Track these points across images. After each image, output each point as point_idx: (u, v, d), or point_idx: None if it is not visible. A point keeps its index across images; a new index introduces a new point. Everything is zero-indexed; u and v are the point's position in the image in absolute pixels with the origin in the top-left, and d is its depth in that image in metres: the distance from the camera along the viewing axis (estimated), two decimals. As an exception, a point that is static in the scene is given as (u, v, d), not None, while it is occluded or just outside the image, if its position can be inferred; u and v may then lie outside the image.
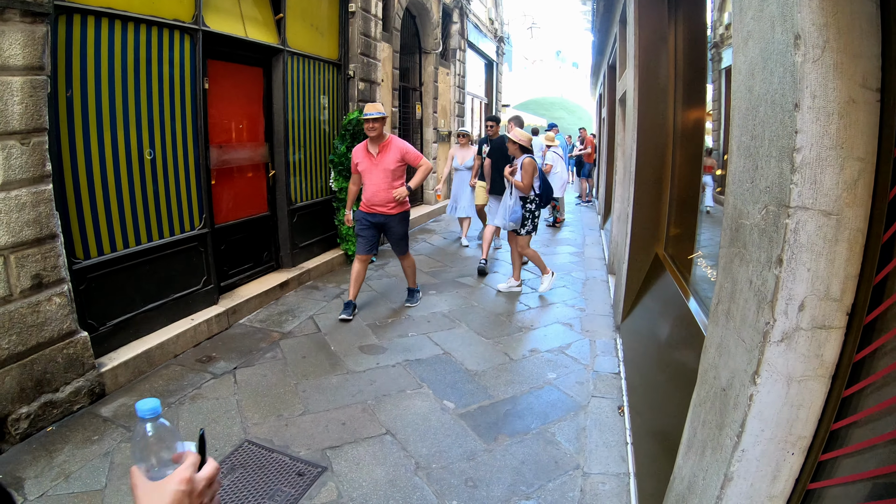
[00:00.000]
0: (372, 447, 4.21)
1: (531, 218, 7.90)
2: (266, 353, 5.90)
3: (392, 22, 11.81)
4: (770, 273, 1.63)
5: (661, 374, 4.14)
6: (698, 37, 4.73)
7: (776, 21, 1.65)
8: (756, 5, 1.83)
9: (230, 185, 7.46)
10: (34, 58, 4.32)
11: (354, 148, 7.17)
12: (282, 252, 8.56)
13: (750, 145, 1.87)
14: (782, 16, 1.60)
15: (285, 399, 4.93)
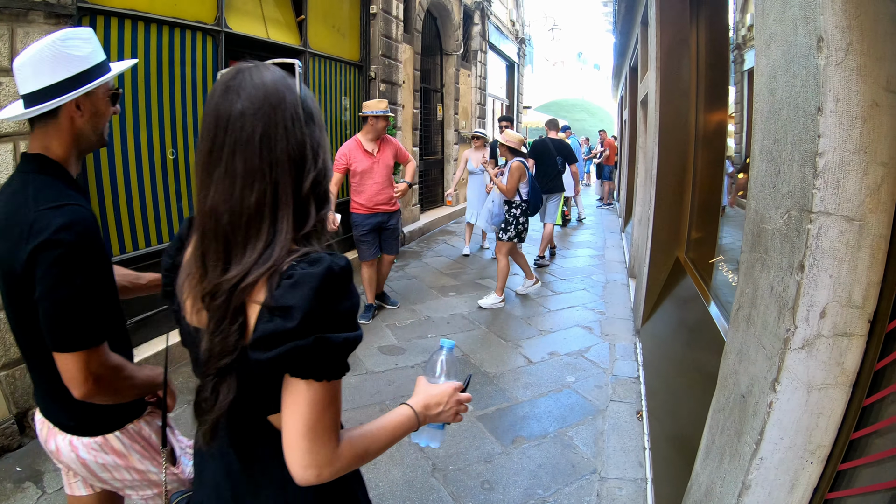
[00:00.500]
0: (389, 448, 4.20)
1: (514, 224, 7.53)
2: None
3: (413, 24, 11.83)
4: (791, 279, 1.61)
5: (680, 378, 4.11)
6: (720, 38, 4.69)
7: (798, 23, 1.63)
8: (778, 7, 1.81)
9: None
10: (59, 59, 4.37)
11: (342, 148, 6.76)
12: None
13: (772, 149, 1.84)
14: (805, 18, 1.58)
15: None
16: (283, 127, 1.27)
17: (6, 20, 4.04)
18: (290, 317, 1.17)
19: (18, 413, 4.25)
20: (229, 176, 1.23)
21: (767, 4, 1.93)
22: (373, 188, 6.70)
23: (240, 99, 1.26)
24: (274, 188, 1.25)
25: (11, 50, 4.09)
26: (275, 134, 1.26)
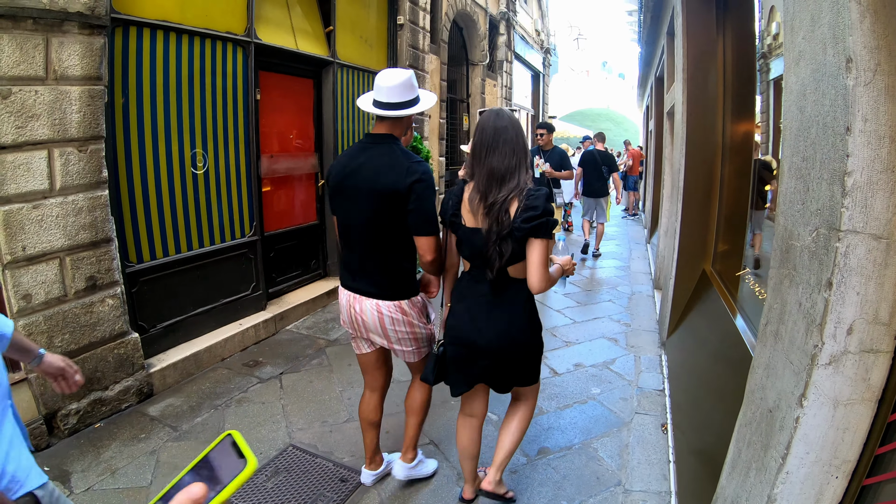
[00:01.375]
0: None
1: None
2: (312, 360, 5.97)
3: (440, 34, 11.89)
4: (819, 296, 1.63)
5: (705, 392, 4.10)
6: (747, 49, 4.68)
7: (828, 43, 1.65)
8: (807, 26, 1.82)
9: (280, 193, 7.58)
10: (92, 68, 4.48)
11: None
12: (329, 261, 8.61)
13: (801, 167, 1.86)
14: (833, 38, 1.60)
15: (330, 405, 4.99)
16: (521, 133, 2.99)
17: (41, 30, 4.14)
18: (536, 209, 2.78)
19: (48, 414, 4.36)
20: (500, 153, 2.90)
21: (796, 23, 1.94)
22: None
23: (504, 120, 2.99)
24: (519, 158, 2.92)
25: (46, 59, 4.19)
26: (517, 136, 2.96)
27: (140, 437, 4.48)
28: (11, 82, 4.01)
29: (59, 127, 4.29)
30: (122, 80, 5.04)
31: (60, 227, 4.35)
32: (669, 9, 7.32)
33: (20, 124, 4.06)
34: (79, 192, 4.45)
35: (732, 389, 2.97)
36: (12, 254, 4.10)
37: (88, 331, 4.60)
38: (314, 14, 8.08)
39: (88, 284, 4.57)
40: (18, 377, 4.19)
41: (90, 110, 4.49)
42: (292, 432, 4.55)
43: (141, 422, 4.71)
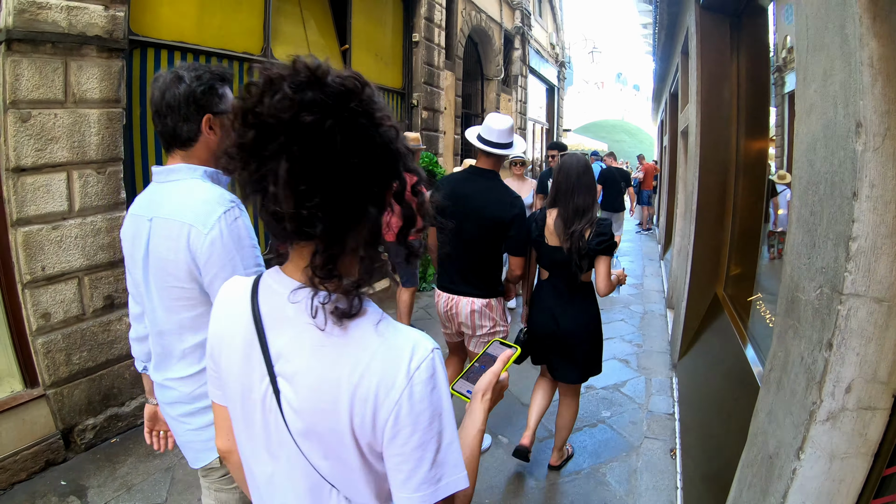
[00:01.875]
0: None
1: None
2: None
3: (455, 50, 11.95)
4: (820, 354, 1.66)
5: (714, 418, 4.11)
6: (761, 70, 4.69)
7: (839, 102, 1.67)
8: (819, 79, 1.85)
9: (293, 210, 7.56)
10: (110, 91, 4.57)
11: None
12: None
13: (809, 221, 1.89)
14: (845, 99, 1.62)
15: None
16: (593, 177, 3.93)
17: (60, 54, 4.24)
18: (604, 235, 3.72)
19: (65, 429, 4.43)
20: (581, 195, 3.79)
21: (809, 74, 1.97)
22: None
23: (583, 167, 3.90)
24: (592, 198, 3.85)
25: (65, 83, 4.29)
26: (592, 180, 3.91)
27: (155, 453, 4.52)
28: (31, 105, 4.10)
29: (78, 149, 4.38)
30: (140, 101, 5.13)
31: (79, 248, 4.43)
32: (684, 28, 7.32)
33: (40, 147, 4.15)
34: (97, 214, 4.53)
35: (740, 418, 2.99)
36: (32, 273, 4.18)
37: (106, 348, 4.67)
38: (330, 32, 8.17)
39: (106, 303, 4.65)
40: (37, 393, 4.28)
41: (109, 133, 4.57)
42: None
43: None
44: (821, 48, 1.83)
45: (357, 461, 1.17)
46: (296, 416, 1.19)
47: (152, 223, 2.03)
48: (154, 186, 2.15)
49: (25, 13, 4.00)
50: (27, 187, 4.12)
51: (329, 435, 1.16)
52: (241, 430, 1.34)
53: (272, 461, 1.28)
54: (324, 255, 1.12)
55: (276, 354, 1.21)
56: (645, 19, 18.96)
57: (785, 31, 4.03)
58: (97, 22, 4.44)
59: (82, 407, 4.54)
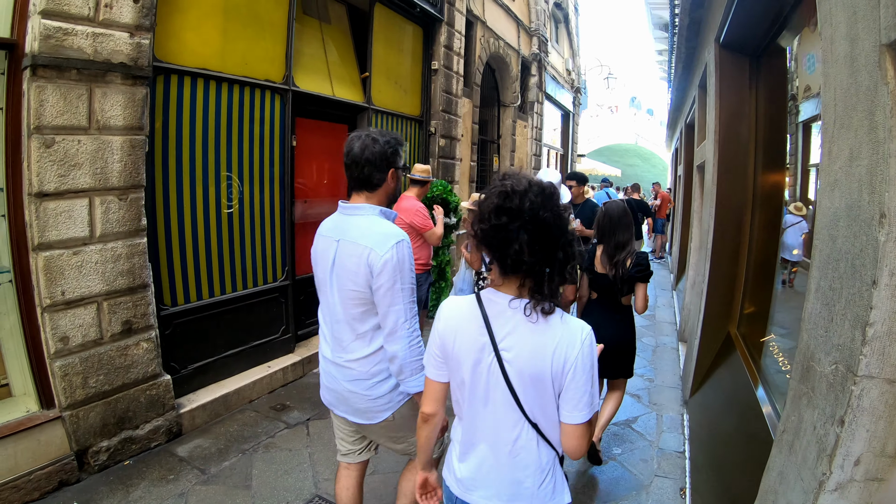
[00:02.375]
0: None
1: None
2: (339, 406, 5.95)
3: (473, 77, 12.02)
4: (832, 429, 1.70)
5: (724, 459, 4.10)
6: (779, 112, 4.72)
7: (864, 186, 1.70)
8: (845, 158, 1.87)
9: (313, 238, 7.54)
10: (134, 118, 4.64)
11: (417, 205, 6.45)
12: (357, 303, 8.56)
13: (828, 294, 1.92)
14: (871, 185, 1.65)
15: (355, 456, 4.98)
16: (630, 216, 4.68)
17: (85, 81, 4.31)
18: (642, 265, 4.51)
19: (79, 450, 4.46)
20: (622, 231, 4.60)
21: (834, 150, 1.99)
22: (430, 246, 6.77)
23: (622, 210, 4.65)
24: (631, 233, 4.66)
25: (89, 109, 4.35)
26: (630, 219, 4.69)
27: (168, 477, 4.56)
28: (55, 131, 4.16)
29: (101, 176, 4.44)
30: (163, 127, 5.21)
31: (99, 273, 4.48)
32: (702, 62, 7.34)
33: (63, 173, 4.20)
34: (118, 240, 4.59)
35: (750, 462, 2.99)
36: (52, 297, 4.22)
37: (122, 372, 4.71)
38: (351, 61, 8.25)
39: (124, 328, 4.69)
40: (52, 414, 4.31)
41: (131, 160, 4.63)
42: (318, 482, 4.59)
43: (169, 462, 4.79)
44: (848, 127, 1.85)
45: (551, 396, 2.04)
46: (515, 373, 2.05)
47: (339, 244, 2.92)
48: (339, 216, 3.06)
49: (51, 39, 4.07)
50: (49, 212, 4.17)
51: (537, 380, 2.02)
52: (466, 390, 2.18)
53: (486, 406, 2.13)
54: (536, 281, 2.01)
55: (499, 338, 2.07)
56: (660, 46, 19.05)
57: (805, 77, 4.05)
58: (122, 49, 4.51)
59: (97, 429, 4.57)
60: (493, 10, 13.34)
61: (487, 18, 12.84)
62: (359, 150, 2.89)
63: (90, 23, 4.31)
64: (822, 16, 2.13)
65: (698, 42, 7.87)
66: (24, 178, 4.13)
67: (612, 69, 28.55)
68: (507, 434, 2.12)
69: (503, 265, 2.03)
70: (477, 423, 2.19)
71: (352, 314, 2.93)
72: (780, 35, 4.53)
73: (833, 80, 2.02)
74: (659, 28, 16.65)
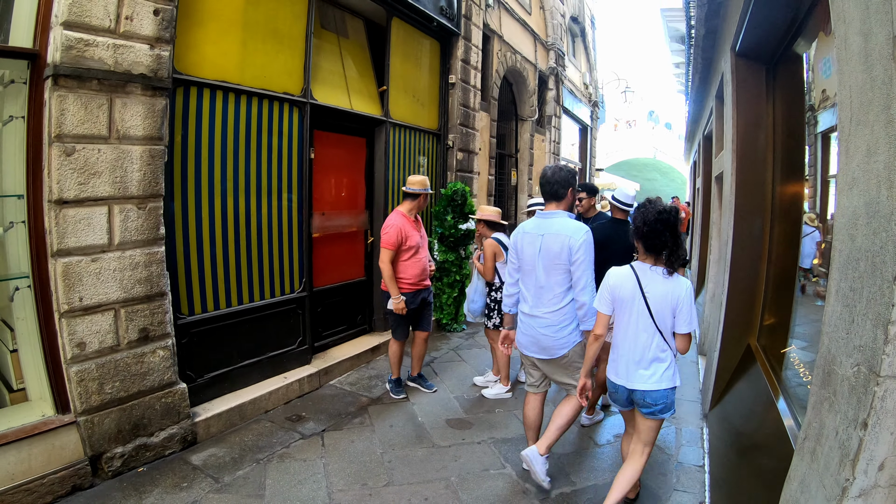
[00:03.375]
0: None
1: (497, 309, 6.78)
2: (354, 418, 5.98)
3: (490, 91, 12.05)
4: (855, 433, 1.66)
5: (744, 472, 4.05)
6: (797, 120, 4.68)
7: (882, 182, 1.68)
8: (862, 155, 1.85)
9: (330, 250, 7.68)
10: (153, 129, 4.69)
11: (396, 221, 6.28)
12: (375, 316, 8.63)
13: (848, 296, 1.89)
14: (889, 180, 1.63)
15: (370, 468, 4.97)
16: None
17: (105, 91, 4.37)
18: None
19: (93, 455, 4.48)
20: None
21: (851, 148, 1.97)
22: (421, 264, 6.50)
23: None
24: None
25: (109, 119, 4.41)
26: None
27: (182, 485, 4.56)
28: (75, 140, 4.22)
29: (120, 185, 4.48)
30: (182, 138, 5.26)
31: (117, 281, 4.51)
32: (718, 73, 7.31)
33: (82, 181, 4.25)
34: (136, 248, 4.62)
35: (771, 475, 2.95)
36: (69, 304, 4.26)
37: (138, 380, 4.73)
38: (369, 74, 8.30)
39: (141, 336, 4.71)
40: (68, 419, 4.34)
41: (150, 169, 4.68)
42: (332, 493, 4.56)
43: (183, 469, 4.79)
44: (864, 124, 1.83)
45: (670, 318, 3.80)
46: (653, 306, 3.81)
47: (544, 237, 4.45)
48: (539, 219, 4.60)
49: (73, 49, 4.13)
50: (69, 219, 4.21)
51: (666, 308, 3.77)
52: (625, 319, 3.95)
53: (636, 327, 3.88)
54: (670, 257, 3.80)
55: (644, 287, 3.84)
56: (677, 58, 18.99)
57: (822, 81, 4.02)
58: (142, 60, 4.57)
59: (112, 435, 4.58)
60: (510, 24, 13.39)
61: (504, 33, 12.88)
62: (551, 174, 4.51)
63: (111, 34, 4.37)
64: (836, 14, 2.12)
65: (714, 52, 7.86)
66: (44, 185, 4.18)
67: (630, 83, 28.53)
68: (646, 341, 3.86)
69: (652, 248, 3.84)
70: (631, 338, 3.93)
71: (553, 281, 4.46)
72: (796, 42, 4.51)
73: (848, 78, 2.01)
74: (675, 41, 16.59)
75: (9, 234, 4.41)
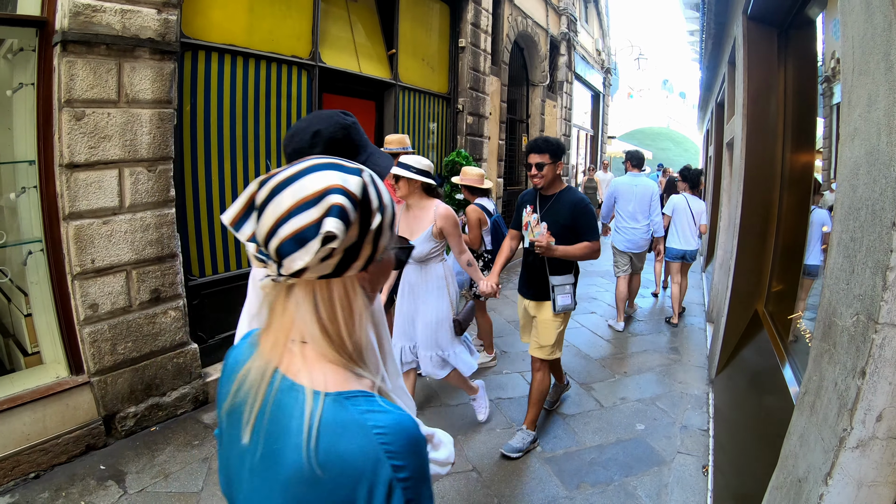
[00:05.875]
0: (457, 482, 4.29)
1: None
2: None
3: (501, 56, 11.94)
4: (853, 382, 1.67)
5: (748, 436, 4.08)
6: (808, 82, 4.64)
7: (882, 129, 1.67)
8: (864, 104, 1.85)
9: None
10: (162, 92, 4.70)
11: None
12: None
13: (849, 246, 1.89)
14: (889, 126, 1.62)
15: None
16: None
17: (114, 56, 4.38)
18: None
19: (107, 415, 4.57)
20: None
21: (853, 98, 1.97)
22: None
23: None
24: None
25: (118, 83, 4.42)
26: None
27: (193, 443, 4.66)
28: (85, 105, 4.24)
29: (130, 148, 4.51)
30: (191, 102, 5.27)
31: (128, 243, 4.56)
32: (731, 38, 7.24)
33: (93, 144, 4.28)
34: (147, 210, 4.66)
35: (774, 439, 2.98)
36: (82, 266, 4.31)
37: (150, 340, 4.80)
38: (377, 37, 8.25)
39: (153, 297, 4.77)
40: (81, 380, 4.42)
41: (160, 132, 4.70)
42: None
43: (195, 428, 4.89)
44: (865, 73, 1.83)
45: None
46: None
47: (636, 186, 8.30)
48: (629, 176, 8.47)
49: (80, 16, 4.13)
50: (80, 183, 4.25)
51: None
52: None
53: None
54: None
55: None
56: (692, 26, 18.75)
57: (833, 45, 3.98)
58: (150, 25, 4.56)
59: (124, 395, 4.67)
60: (521, -12, 13.21)
61: (515, -3, 12.73)
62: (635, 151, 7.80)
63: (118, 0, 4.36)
64: (838, -36, 2.11)
65: (727, 17, 7.76)
66: (55, 149, 4.20)
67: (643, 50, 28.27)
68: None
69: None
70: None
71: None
72: (808, 4, 4.45)
73: (850, 29, 2.01)
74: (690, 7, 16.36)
75: (20, 200, 4.46)
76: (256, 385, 1.10)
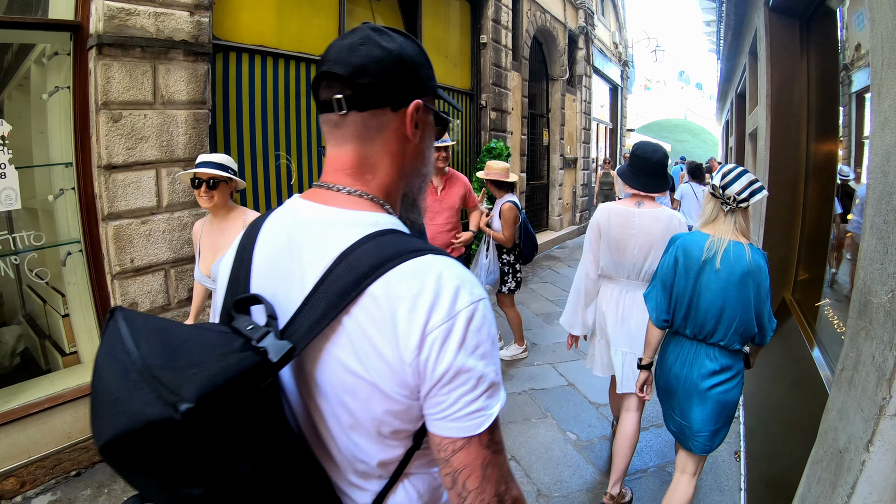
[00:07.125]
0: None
1: (512, 272, 6.39)
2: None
3: (521, 51, 11.98)
4: (891, 353, 1.73)
5: (780, 421, 4.13)
6: (832, 75, 4.66)
7: (911, 119, 1.74)
8: (893, 96, 1.91)
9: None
10: (197, 93, 4.80)
11: None
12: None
13: (882, 228, 1.96)
14: (918, 117, 1.69)
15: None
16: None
17: (149, 58, 4.49)
18: None
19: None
20: None
21: (883, 89, 2.03)
22: (431, 229, 5.69)
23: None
24: None
25: (154, 85, 4.53)
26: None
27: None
28: (122, 107, 4.34)
29: (167, 148, 4.62)
30: (223, 102, 5.38)
31: (166, 242, 4.67)
32: (751, 28, 7.25)
33: (130, 146, 4.39)
34: (184, 210, 4.76)
35: (806, 422, 3.03)
36: (121, 265, 4.43)
37: (188, 338, 4.87)
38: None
39: (190, 294, 4.86)
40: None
41: (195, 132, 4.80)
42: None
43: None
44: (895, 66, 1.89)
45: None
46: None
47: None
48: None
49: (115, 19, 4.24)
50: (118, 184, 4.36)
51: None
52: None
53: None
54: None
55: None
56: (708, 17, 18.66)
57: (855, 35, 4.01)
58: (183, 27, 4.67)
59: (161, 394, 4.74)
60: (539, -17, 13.25)
61: (533, -8, 12.76)
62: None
63: (151, 3, 4.48)
64: (867, -38, 2.17)
65: (747, 8, 7.79)
66: (93, 151, 4.32)
67: (660, 42, 28.12)
68: None
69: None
70: None
71: None
72: (830, -5, 4.50)
73: (879, 24, 2.06)
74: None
75: (58, 202, 4.54)
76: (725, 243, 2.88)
